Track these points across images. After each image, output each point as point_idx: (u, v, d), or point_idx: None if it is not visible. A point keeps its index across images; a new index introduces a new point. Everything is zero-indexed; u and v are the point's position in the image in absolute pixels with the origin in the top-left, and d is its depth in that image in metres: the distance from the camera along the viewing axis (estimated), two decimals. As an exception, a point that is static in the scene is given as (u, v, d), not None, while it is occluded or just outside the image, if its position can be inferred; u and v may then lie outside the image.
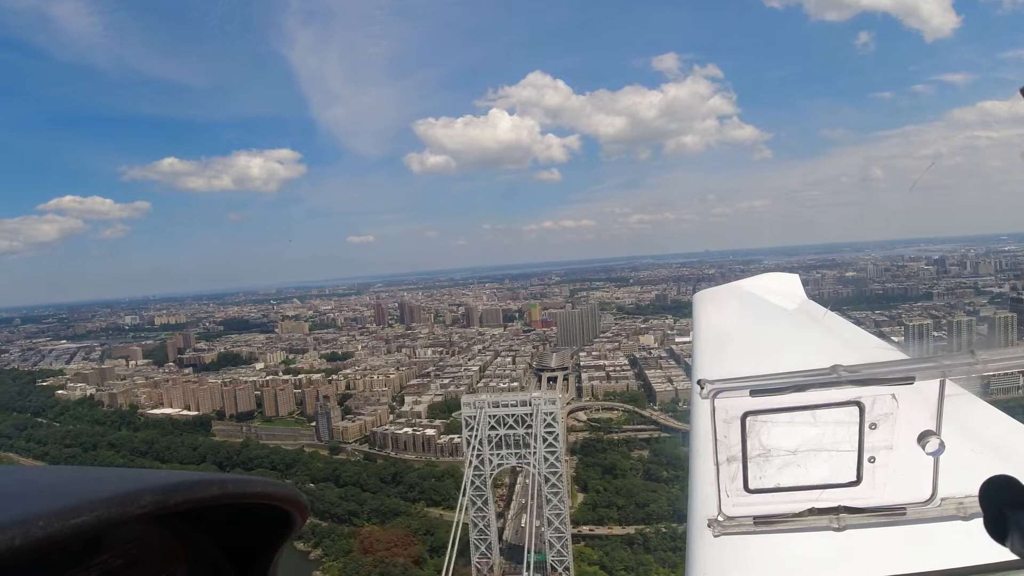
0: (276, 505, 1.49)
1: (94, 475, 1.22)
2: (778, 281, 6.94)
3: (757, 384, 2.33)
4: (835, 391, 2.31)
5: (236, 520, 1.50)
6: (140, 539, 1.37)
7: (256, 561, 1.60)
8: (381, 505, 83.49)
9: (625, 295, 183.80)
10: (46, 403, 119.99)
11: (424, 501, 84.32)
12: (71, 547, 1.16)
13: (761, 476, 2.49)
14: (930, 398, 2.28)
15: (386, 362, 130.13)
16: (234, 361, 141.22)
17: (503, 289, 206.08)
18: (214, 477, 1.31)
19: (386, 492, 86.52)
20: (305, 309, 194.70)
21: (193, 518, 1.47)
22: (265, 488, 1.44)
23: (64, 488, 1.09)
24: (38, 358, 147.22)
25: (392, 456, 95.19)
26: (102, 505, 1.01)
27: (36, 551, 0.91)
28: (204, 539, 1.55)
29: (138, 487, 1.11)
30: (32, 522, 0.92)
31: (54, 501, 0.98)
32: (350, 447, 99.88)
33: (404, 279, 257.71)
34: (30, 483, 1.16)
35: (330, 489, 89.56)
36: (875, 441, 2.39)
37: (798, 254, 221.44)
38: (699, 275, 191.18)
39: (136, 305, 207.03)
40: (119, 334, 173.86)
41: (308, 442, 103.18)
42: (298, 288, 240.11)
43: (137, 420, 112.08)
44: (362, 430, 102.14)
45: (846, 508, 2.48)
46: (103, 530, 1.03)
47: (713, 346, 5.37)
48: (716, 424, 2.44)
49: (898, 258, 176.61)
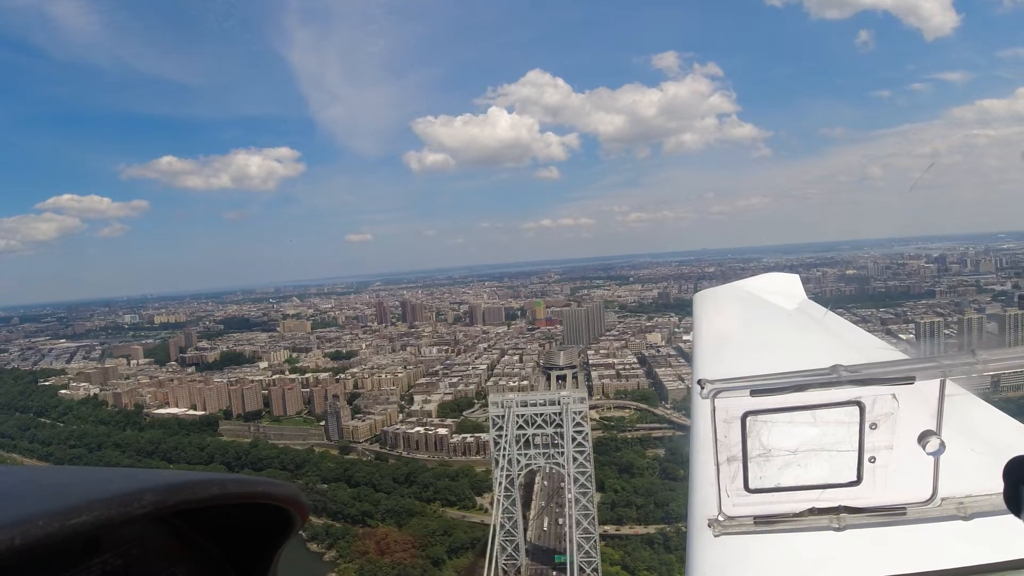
0: (277, 505, 1.49)
1: (95, 475, 1.22)
2: (778, 281, 6.93)
3: (757, 384, 2.35)
4: (835, 391, 2.32)
5: (237, 520, 1.50)
6: (141, 539, 1.37)
7: (257, 561, 1.59)
8: (396, 505, 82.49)
9: (627, 293, 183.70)
10: (49, 403, 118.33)
11: (439, 501, 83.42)
12: (72, 547, 1.16)
13: (761, 476, 2.49)
14: (930, 398, 2.30)
15: (392, 361, 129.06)
16: (237, 360, 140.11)
17: (503, 287, 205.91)
18: (214, 477, 1.31)
19: (400, 492, 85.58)
20: (305, 308, 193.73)
21: (194, 518, 1.47)
22: (266, 488, 1.44)
23: (64, 488, 1.09)
24: (38, 357, 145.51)
25: (404, 456, 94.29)
26: (102, 505, 1.01)
27: (36, 551, 0.91)
28: (205, 539, 1.54)
29: (138, 487, 1.11)
30: (32, 522, 0.92)
31: (54, 501, 0.98)
32: (361, 447, 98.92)
33: (403, 278, 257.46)
34: (31, 483, 1.16)
35: (342, 489, 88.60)
36: (875, 441, 2.39)
37: (796, 252, 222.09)
38: (699, 273, 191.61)
39: (134, 304, 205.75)
40: (119, 333, 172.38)
41: (318, 442, 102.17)
42: (296, 287, 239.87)
43: (142, 420, 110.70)
44: (372, 429, 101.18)
45: (846, 508, 2.48)
46: (103, 530, 1.03)
47: (713, 346, 5.33)
48: (716, 424, 2.45)
49: (898, 256, 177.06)
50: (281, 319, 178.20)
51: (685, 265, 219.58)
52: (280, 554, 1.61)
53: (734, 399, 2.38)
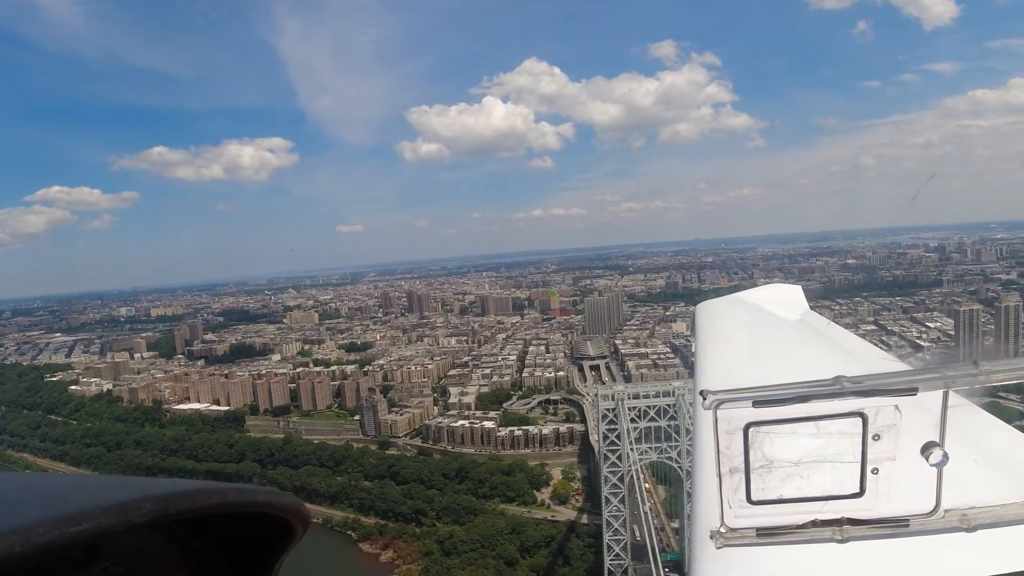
0: (278, 515, 1.48)
1: (95, 483, 1.22)
2: (780, 292, 6.80)
3: (760, 395, 2.35)
4: (838, 402, 2.33)
5: (238, 529, 1.48)
6: (141, 547, 1.36)
7: (258, 571, 1.58)
8: (452, 503, 79.11)
9: (631, 283, 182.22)
10: (58, 399, 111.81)
11: (498, 498, 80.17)
12: (71, 554, 1.15)
13: (764, 487, 2.48)
14: (933, 409, 2.30)
15: (416, 352, 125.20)
16: (248, 352, 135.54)
17: (502, 277, 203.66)
18: (215, 486, 1.30)
19: (451, 489, 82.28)
20: (304, 299, 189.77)
21: (194, 527, 1.46)
22: (267, 498, 1.43)
23: (64, 496, 1.08)
24: (36, 352, 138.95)
25: (450, 450, 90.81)
26: (102, 513, 1.01)
27: (36, 558, 0.90)
28: (205, 548, 1.53)
29: (138, 495, 1.10)
30: (32, 529, 0.91)
31: (55, 509, 0.98)
32: (401, 441, 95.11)
33: (396, 268, 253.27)
34: (31, 490, 1.16)
35: (390, 486, 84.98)
36: (878, 452, 2.38)
37: (790, 242, 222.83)
38: (699, 263, 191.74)
39: (126, 297, 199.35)
40: (115, 326, 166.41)
41: (353, 437, 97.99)
42: (290, 278, 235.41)
43: (162, 416, 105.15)
44: (411, 423, 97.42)
45: (849, 520, 2.47)
46: (103, 538, 1.02)
47: (715, 357, 5.12)
48: (719, 435, 2.44)
49: (895, 246, 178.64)
50: (282, 311, 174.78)
51: (680, 255, 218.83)
52: (281, 564, 1.58)
53: (736, 410, 2.38)
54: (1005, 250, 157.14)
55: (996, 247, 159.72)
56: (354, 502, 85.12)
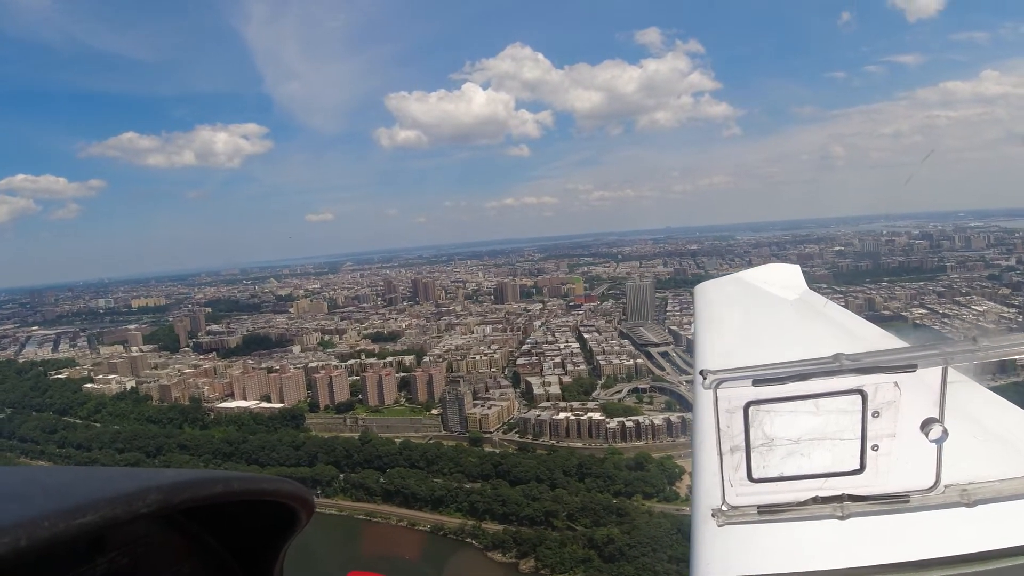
0: (283, 502, 1.48)
1: (99, 474, 1.21)
2: (779, 272, 6.60)
3: (760, 374, 2.37)
4: (837, 379, 2.34)
5: (243, 517, 1.48)
6: (146, 537, 1.36)
7: (263, 558, 1.58)
8: (590, 502, 70.80)
9: (629, 270, 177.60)
10: (72, 399, 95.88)
11: (638, 494, 72.44)
12: (77, 546, 1.15)
13: (764, 465, 2.51)
14: (933, 385, 2.31)
15: (466, 341, 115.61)
16: (264, 344, 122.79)
17: (490, 265, 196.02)
18: (219, 475, 1.31)
19: (575, 487, 74.02)
20: (291, 288, 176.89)
21: (199, 516, 1.46)
22: (272, 485, 1.43)
23: (70, 488, 1.08)
24: (19, 346, 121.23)
25: (557, 445, 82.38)
26: (107, 504, 1.01)
27: (42, 550, 0.90)
28: (210, 537, 1.53)
29: (143, 486, 1.10)
30: (38, 522, 0.91)
31: (60, 501, 0.98)
32: (496, 437, 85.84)
33: (371, 257, 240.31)
34: (36, 483, 1.15)
35: (503, 487, 75.80)
36: (878, 429, 2.40)
37: (763, 230, 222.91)
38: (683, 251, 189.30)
39: (96, 288, 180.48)
40: (94, 318, 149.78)
41: (436, 433, 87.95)
42: (263, 267, 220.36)
43: (204, 416, 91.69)
44: (500, 417, 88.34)
45: (850, 496, 2.49)
46: (109, 529, 1.02)
47: (715, 337, 5.07)
48: (719, 414, 2.46)
49: (874, 234, 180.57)
50: (275, 300, 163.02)
51: (660, 243, 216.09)
52: (286, 551, 1.58)
53: (737, 389, 2.39)
54: (993, 238, 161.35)
55: (985, 234, 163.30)
56: (463, 506, 75.50)
